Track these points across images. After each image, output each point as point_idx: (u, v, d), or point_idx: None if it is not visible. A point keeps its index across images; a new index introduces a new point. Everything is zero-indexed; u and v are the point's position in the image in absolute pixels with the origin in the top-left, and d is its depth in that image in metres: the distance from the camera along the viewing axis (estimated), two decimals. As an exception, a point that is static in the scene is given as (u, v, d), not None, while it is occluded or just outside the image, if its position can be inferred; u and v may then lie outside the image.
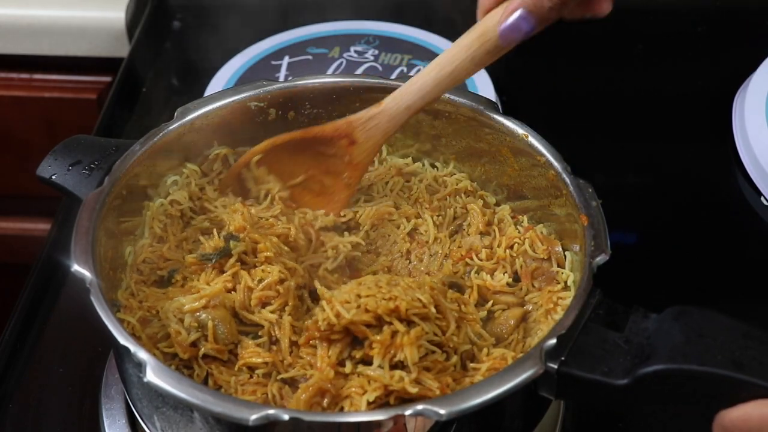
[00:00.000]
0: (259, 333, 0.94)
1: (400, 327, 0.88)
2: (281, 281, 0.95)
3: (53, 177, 1.02)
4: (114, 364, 1.04)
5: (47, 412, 1.06)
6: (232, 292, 0.95)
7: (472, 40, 0.97)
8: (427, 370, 0.88)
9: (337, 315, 0.89)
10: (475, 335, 0.95)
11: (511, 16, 0.93)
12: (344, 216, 1.07)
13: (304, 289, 0.98)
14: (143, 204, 1.03)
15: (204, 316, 0.93)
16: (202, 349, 0.92)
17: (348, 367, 0.89)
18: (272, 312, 0.94)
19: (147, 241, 1.02)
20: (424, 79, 1.00)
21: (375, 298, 0.89)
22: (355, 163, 1.06)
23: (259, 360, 0.91)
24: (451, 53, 0.98)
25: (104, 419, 1.02)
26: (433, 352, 0.89)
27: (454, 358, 0.91)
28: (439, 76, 0.99)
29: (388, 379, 0.86)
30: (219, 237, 0.99)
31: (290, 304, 0.95)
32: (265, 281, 0.95)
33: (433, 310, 0.91)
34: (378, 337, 0.88)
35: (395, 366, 0.87)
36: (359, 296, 0.90)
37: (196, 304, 0.93)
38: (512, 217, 1.08)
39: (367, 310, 0.88)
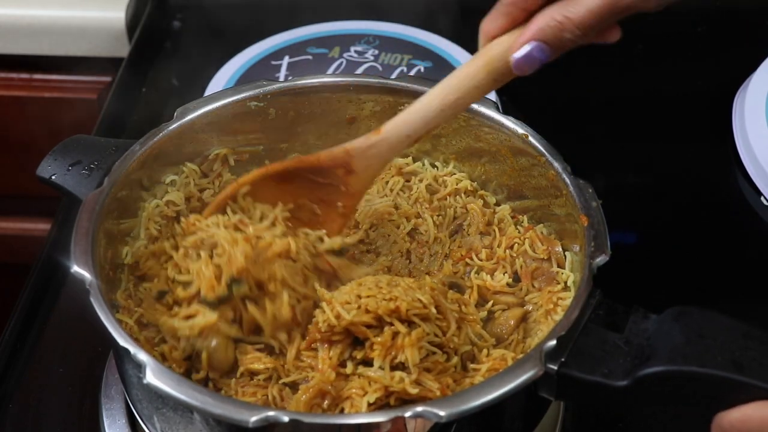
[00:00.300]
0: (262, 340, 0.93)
1: (401, 328, 0.88)
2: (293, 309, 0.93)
3: (53, 177, 1.02)
4: (114, 364, 1.04)
5: (47, 412, 1.06)
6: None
7: (477, 68, 0.91)
8: (428, 371, 0.88)
9: (338, 316, 0.89)
10: (475, 336, 0.95)
11: (525, 46, 0.87)
12: (350, 234, 1.04)
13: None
14: (140, 205, 1.03)
15: (199, 343, 0.91)
16: (196, 375, 0.91)
17: (349, 368, 0.89)
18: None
19: (143, 242, 1.01)
20: (427, 106, 0.94)
21: (375, 298, 0.89)
22: (352, 192, 1.00)
23: (261, 366, 0.91)
24: (455, 80, 0.93)
25: (104, 419, 1.02)
26: (434, 353, 0.89)
27: (455, 359, 0.91)
28: (443, 104, 0.93)
29: (389, 380, 0.86)
30: (211, 261, 0.94)
31: (303, 324, 0.94)
32: (279, 320, 0.92)
33: (434, 310, 0.91)
34: (379, 339, 0.88)
35: (396, 367, 0.87)
36: (359, 297, 0.90)
37: (188, 332, 0.91)
38: (512, 217, 1.08)
39: (367, 311, 0.88)
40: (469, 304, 0.98)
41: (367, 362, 0.89)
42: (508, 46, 0.89)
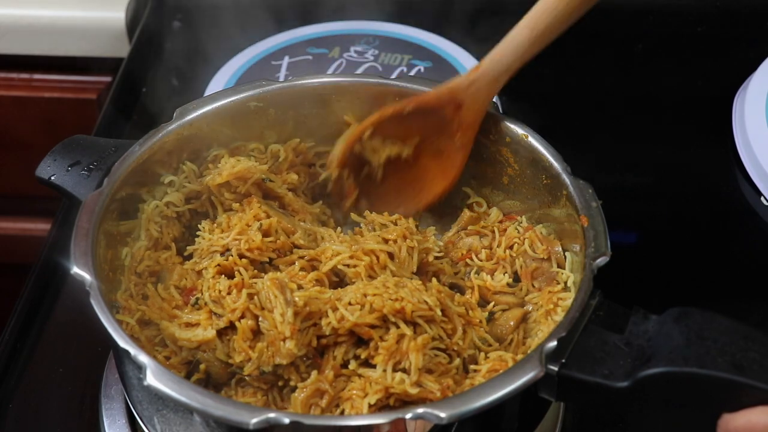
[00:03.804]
0: None
1: (405, 329, 0.88)
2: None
3: (52, 178, 1.01)
4: (114, 364, 1.04)
5: (47, 412, 1.06)
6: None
7: None
8: (429, 372, 0.88)
9: (341, 319, 0.89)
10: (479, 340, 0.95)
11: None
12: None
13: None
14: (139, 206, 1.03)
15: (198, 355, 0.92)
16: (197, 374, 0.92)
17: (352, 365, 0.89)
18: None
19: (144, 243, 1.01)
20: (518, 38, 1.00)
21: (381, 297, 0.89)
22: (465, 124, 1.05)
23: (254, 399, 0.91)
24: (538, 10, 0.98)
25: (104, 419, 1.02)
26: (436, 355, 0.89)
27: (457, 361, 0.91)
28: (532, 35, 0.99)
29: (389, 381, 0.86)
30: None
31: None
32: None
33: (439, 313, 0.91)
34: (384, 343, 0.88)
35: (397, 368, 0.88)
36: (366, 295, 0.90)
37: (187, 343, 0.92)
38: (510, 218, 1.07)
39: (372, 309, 0.88)
40: (475, 308, 0.98)
41: (370, 362, 0.89)
42: None
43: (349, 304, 0.90)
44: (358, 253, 0.97)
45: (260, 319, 0.91)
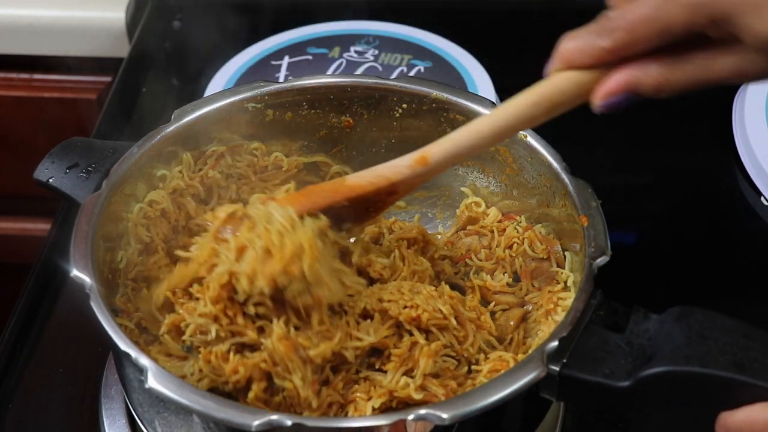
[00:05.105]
0: None
1: (419, 337, 0.88)
2: None
3: (50, 180, 1.01)
4: (114, 364, 1.04)
5: (47, 412, 1.06)
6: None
7: (539, 98, 0.87)
8: (435, 376, 0.88)
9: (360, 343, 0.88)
10: (484, 343, 0.95)
11: (616, 94, 0.83)
12: None
13: None
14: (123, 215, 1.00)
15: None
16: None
17: (363, 374, 0.89)
18: None
19: (137, 248, 0.99)
20: (478, 133, 0.88)
21: (397, 304, 0.89)
22: (388, 203, 0.95)
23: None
24: (512, 109, 0.87)
25: (104, 419, 1.02)
26: (445, 360, 0.89)
27: (465, 368, 0.91)
28: (494, 131, 0.87)
29: (394, 384, 0.86)
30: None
31: None
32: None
33: (454, 322, 0.91)
34: (397, 350, 0.88)
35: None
36: (381, 300, 0.90)
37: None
38: (509, 218, 1.07)
39: (388, 317, 0.89)
40: (485, 312, 0.97)
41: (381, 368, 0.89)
42: (581, 85, 0.85)
43: (364, 318, 0.89)
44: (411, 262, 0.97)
45: (273, 375, 0.86)
